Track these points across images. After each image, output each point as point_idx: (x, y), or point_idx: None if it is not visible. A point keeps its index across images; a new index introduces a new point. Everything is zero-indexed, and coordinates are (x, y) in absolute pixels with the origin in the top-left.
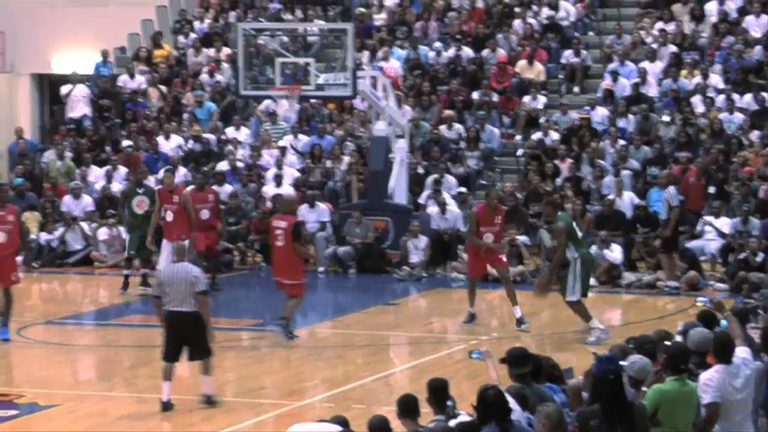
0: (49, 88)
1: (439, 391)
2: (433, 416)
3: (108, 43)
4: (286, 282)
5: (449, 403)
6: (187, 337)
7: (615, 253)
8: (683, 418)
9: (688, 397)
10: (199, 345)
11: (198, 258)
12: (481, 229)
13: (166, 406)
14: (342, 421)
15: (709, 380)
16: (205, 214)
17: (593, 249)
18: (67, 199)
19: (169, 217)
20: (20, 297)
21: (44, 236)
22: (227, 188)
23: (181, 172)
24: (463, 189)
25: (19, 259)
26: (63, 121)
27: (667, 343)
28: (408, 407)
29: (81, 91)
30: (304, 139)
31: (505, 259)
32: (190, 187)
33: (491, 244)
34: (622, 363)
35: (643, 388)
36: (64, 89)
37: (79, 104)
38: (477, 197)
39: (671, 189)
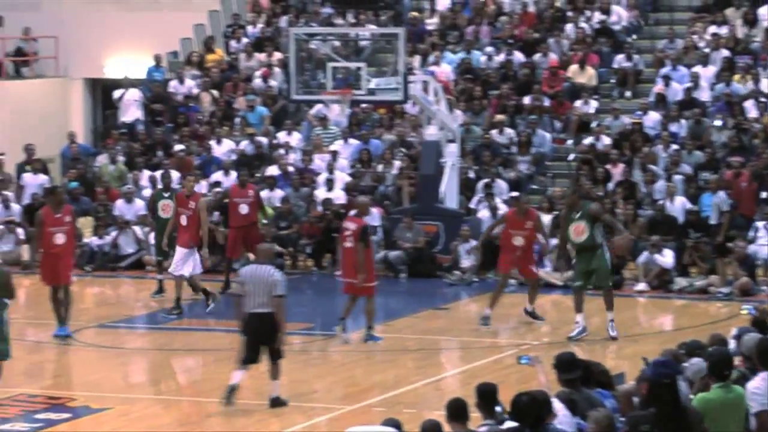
0: (102, 93)
1: (488, 396)
2: (482, 421)
3: (161, 48)
4: (358, 284)
5: (498, 408)
6: (264, 338)
7: (667, 258)
8: (733, 425)
9: (736, 403)
10: (276, 347)
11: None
12: (511, 232)
13: (232, 391)
14: (395, 424)
15: (756, 389)
16: (243, 208)
17: (645, 254)
18: (120, 203)
19: (183, 221)
20: (73, 300)
21: (96, 241)
22: (278, 193)
23: (233, 176)
24: (515, 193)
25: None
26: (115, 125)
27: (710, 349)
28: (457, 411)
29: (133, 95)
30: (353, 143)
31: (535, 270)
32: (232, 183)
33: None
34: (684, 364)
35: (689, 396)
36: (116, 93)
37: (131, 108)
38: (528, 202)
39: (721, 194)
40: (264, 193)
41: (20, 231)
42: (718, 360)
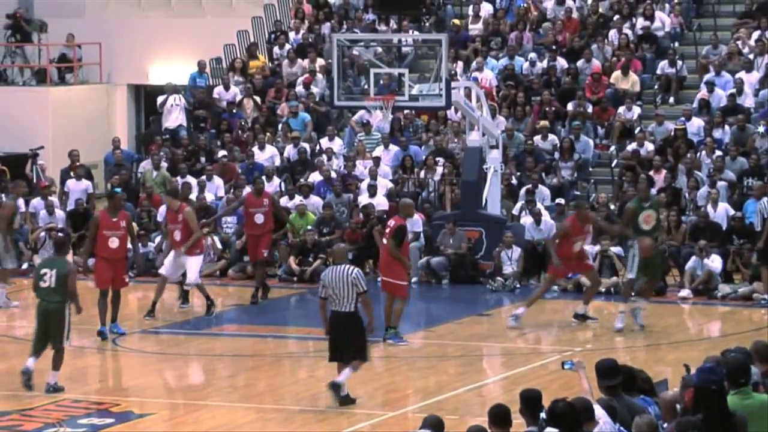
0: (146, 99)
1: (532, 402)
2: (525, 427)
3: (204, 54)
4: (388, 280)
5: (543, 414)
6: (344, 336)
7: (715, 263)
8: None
9: (752, 410)
10: (355, 346)
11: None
12: (572, 239)
13: (336, 389)
14: (436, 421)
15: None
16: (259, 218)
17: (693, 259)
18: (163, 209)
19: (177, 236)
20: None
21: (140, 248)
22: (313, 199)
23: (275, 183)
24: (561, 200)
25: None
26: (159, 131)
27: (728, 356)
28: (500, 417)
29: (176, 101)
30: (394, 149)
31: (590, 263)
32: (247, 191)
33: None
34: None
35: None
36: (160, 99)
37: (174, 114)
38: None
39: (765, 200)
40: (300, 200)
41: None
42: (734, 367)
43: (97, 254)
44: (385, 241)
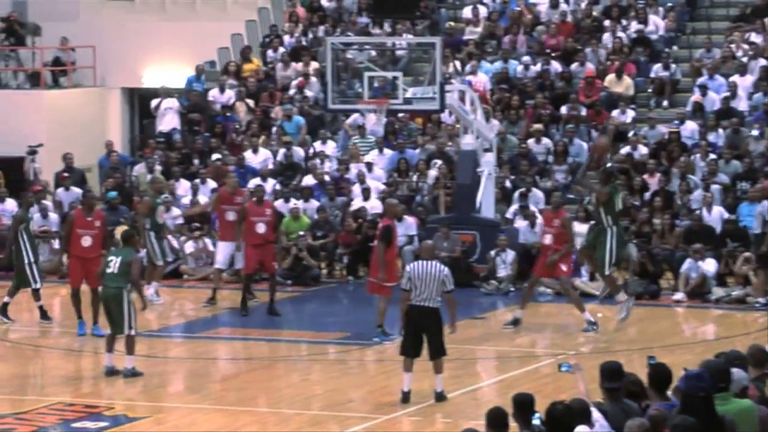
0: (140, 102)
1: (524, 407)
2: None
3: (198, 58)
4: (372, 280)
5: (536, 419)
6: (427, 332)
7: (709, 266)
8: None
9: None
10: (438, 342)
11: (246, 281)
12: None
13: (406, 397)
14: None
15: None
16: (261, 227)
17: (687, 262)
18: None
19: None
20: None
21: None
22: (314, 203)
23: (270, 184)
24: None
25: None
26: (153, 134)
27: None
28: (497, 420)
29: (170, 104)
30: (388, 153)
31: (565, 269)
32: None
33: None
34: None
35: None
36: (154, 103)
37: (167, 118)
38: (568, 211)
39: (766, 203)
40: (299, 204)
41: (55, 241)
42: (713, 372)
43: (70, 253)
44: (374, 244)
